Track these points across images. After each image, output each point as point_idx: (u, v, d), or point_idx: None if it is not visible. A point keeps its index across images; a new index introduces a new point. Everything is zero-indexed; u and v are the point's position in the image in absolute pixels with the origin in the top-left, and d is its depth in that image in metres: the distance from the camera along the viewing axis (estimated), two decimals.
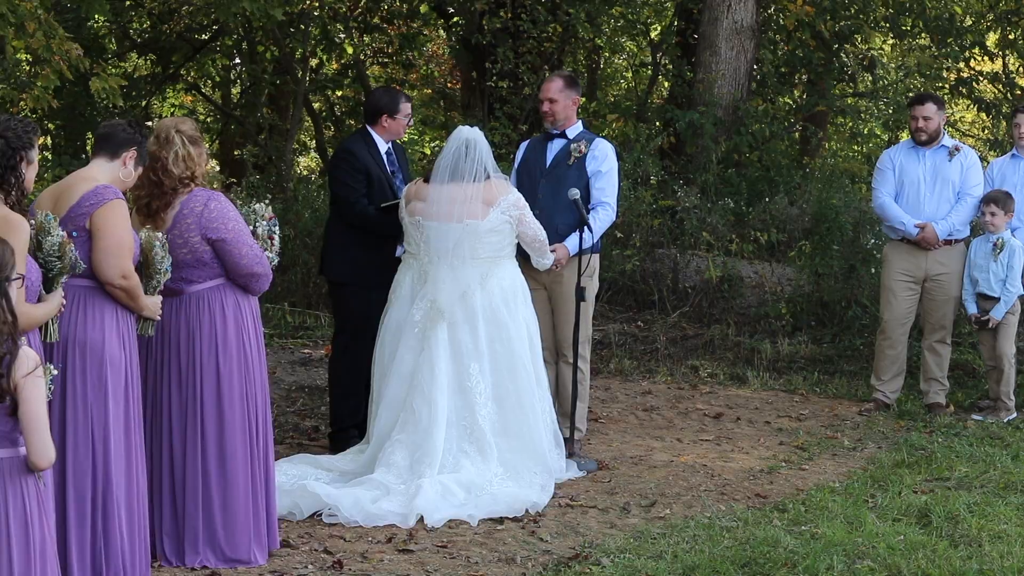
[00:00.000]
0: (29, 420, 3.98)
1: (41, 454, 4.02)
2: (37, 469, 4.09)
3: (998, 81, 15.20)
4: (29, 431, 3.99)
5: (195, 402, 5.62)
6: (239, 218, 5.69)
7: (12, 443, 4.04)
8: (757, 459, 7.74)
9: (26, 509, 4.09)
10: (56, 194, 5.20)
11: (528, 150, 7.86)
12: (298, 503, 6.38)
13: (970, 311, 8.78)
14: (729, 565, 5.65)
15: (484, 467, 6.71)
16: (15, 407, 3.99)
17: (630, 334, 11.17)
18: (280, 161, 14.34)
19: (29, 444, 4.00)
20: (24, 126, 4.82)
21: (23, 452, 4.05)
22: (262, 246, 5.76)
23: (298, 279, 11.70)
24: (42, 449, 4.01)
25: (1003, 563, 5.72)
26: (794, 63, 14.41)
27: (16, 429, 4.02)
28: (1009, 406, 8.65)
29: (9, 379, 3.97)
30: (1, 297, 4.01)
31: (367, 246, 7.44)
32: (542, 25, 13.97)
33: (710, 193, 12.19)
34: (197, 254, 5.61)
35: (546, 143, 7.77)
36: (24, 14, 8.54)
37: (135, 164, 5.32)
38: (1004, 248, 8.54)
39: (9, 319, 4.00)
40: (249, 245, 5.65)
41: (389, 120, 7.57)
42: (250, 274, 5.67)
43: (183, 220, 5.59)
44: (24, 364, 4.00)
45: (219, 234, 5.59)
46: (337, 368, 7.63)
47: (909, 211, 8.77)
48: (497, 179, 6.97)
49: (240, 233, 5.63)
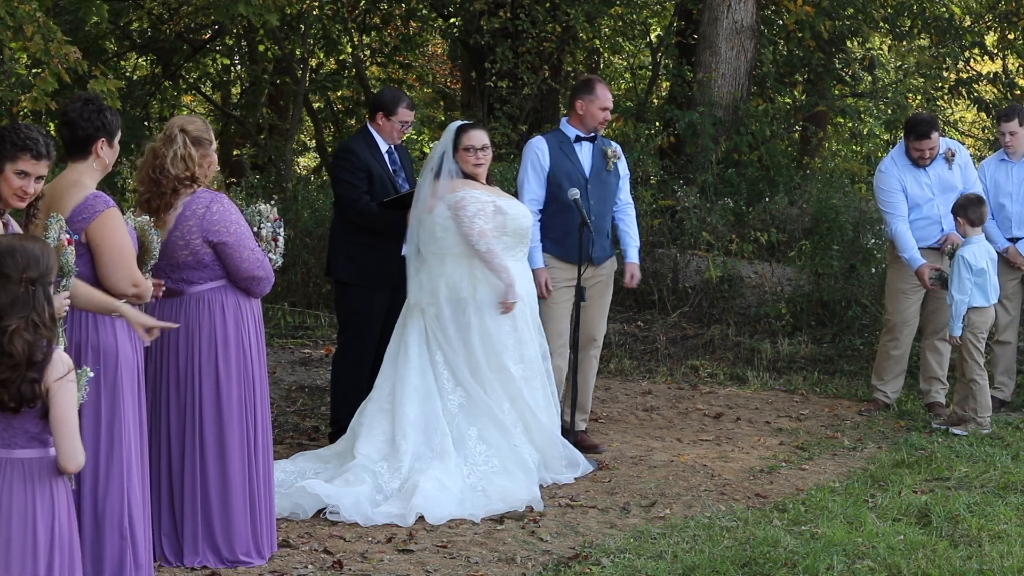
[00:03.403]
0: (59, 424, 4.00)
1: (70, 457, 4.04)
2: (66, 472, 4.12)
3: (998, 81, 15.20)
4: (59, 435, 4.01)
5: (194, 403, 5.61)
6: (241, 221, 5.66)
7: (42, 444, 4.06)
8: (757, 459, 7.74)
9: (55, 509, 4.10)
10: (46, 205, 5.03)
11: (555, 154, 7.69)
12: (300, 503, 6.40)
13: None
14: (729, 565, 5.65)
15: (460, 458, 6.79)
16: (46, 411, 4.01)
17: (630, 334, 11.16)
18: (280, 161, 14.34)
19: (59, 448, 4.02)
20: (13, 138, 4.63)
21: (52, 453, 4.07)
22: (265, 248, 5.74)
23: (298, 279, 11.70)
24: (71, 453, 4.03)
25: (1003, 563, 5.71)
26: (794, 63, 14.41)
27: (46, 431, 4.04)
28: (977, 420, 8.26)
29: (41, 383, 3.99)
30: (43, 300, 4.02)
31: (371, 246, 7.46)
32: (541, 25, 13.97)
33: (710, 193, 12.19)
34: (198, 256, 5.59)
35: (574, 146, 7.76)
36: (22, 17, 8.52)
37: (108, 145, 5.15)
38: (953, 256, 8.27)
39: (48, 322, 4.01)
40: (251, 248, 5.63)
41: (384, 119, 7.59)
42: (251, 277, 5.65)
43: (185, 222, 5.57)
44: (57, 368, 4.02)
45: (220, 237, 5.57)
46: (339, 367, 7.65)
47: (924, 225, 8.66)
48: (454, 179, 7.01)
49: (242, 236, 5.61)
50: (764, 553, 5.77)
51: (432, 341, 6.97)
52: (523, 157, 7.79)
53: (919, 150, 8.67)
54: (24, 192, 4.70)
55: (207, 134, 5.73)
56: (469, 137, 7.09)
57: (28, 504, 4.05)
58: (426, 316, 6.99)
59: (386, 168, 7.58)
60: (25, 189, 4.69)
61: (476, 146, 7.07)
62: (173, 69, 15.95)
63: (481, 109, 14.42)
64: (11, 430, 4.02)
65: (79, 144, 5.12)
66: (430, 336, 6.98)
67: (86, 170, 5.15)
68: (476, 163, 7.07)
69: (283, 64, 15.27)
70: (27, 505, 4.05)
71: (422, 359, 6.97)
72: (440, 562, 5.80)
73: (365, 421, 6.92)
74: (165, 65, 15.84)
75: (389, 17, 15.77)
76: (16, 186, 4.67)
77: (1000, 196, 8.97)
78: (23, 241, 4.11)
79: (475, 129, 7.18)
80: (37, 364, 3.98)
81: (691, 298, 11.56)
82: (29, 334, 3.97)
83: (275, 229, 5.80)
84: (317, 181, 14.90)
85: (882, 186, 8.84)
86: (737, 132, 13.04)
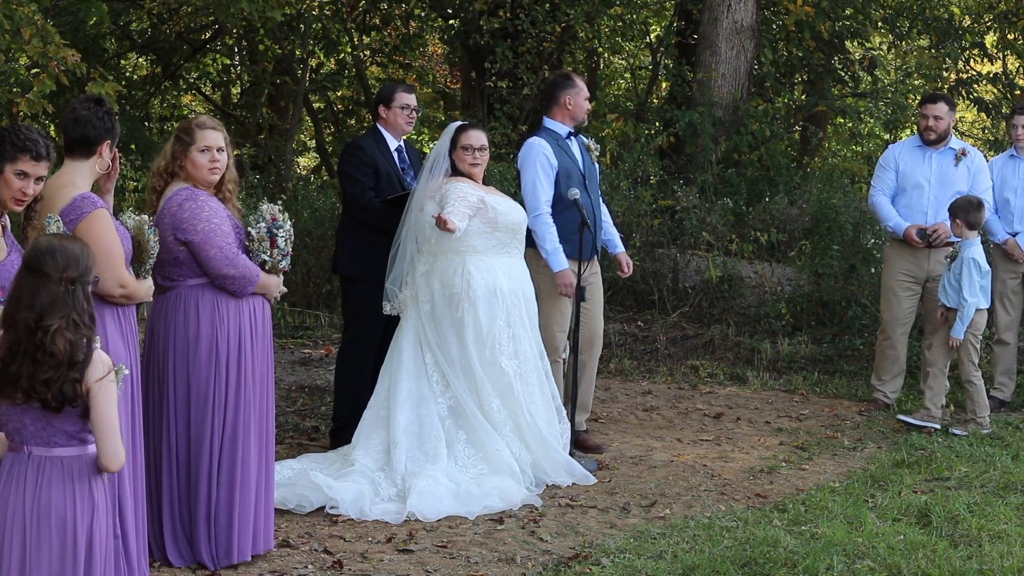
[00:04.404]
0: (101, 424, 4.02)
1: (112, 457, 4.06)
2: (107, 471, 4.14)
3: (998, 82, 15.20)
4: (101, 435, 4.03)
5: (164, 400, 5.58)
6: (213, 219, 5.59)
7: (81, 443, 4.08)
8: (757, 459, 7.74)
9: (95, 507, 4.13)
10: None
11: (557, 153, 7.66)
12: (307, 495, 6.46)
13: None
14: (729, 565, 5.65)
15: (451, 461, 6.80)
16: (85, 410, 4.03)
17: (630, 334, 11.17)
18: (280, 161, 14.34)
19: (101, 447, 4.05)
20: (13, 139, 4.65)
21: (91, 452, 4.09)
22: (257, 248, 5.71)
23: (298, 279, 11.69)
24: (113, 452, 4.06)
25: (1003, 563, 5.72)
26: (793, 63, 14.41)
27: (85, 429, 4.07)
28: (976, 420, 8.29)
29: (83, 383, 4.01)
30: (83, 300, 4.04)
31: (377, 243, 7.47)
32: (541, 25, 13.97)
33: (709, 193, 12.19)
34: (173, 253, 5.59)
35: (567, 143, 7.77)
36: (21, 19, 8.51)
37: (110, 149, 5.16)
38: (957, 257, 8.21)
39: (88, 321, 4.03)
40: (219, 247, 5.56)
41: (386, 111, 7.58)
42: (221, 275, 5.60)
43: (162, 219, 5.60)
44: (97, 368, 4.04)
45: (187, 235, 5.56)
46: (342, 364, 7.68)
47: (910, 212, 8.76)
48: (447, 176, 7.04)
49: (209, 235, 5.55)
50: (764, 553, 5.77)
51: (423, 343, 7.00)
52: (525, 159, 7.67)
53: (924, 117, 8.82)
54: (23, 194, 4.70)
55: (188, 134, 5.72)
56: (468, 136, 7.12)
57: (67, 502, 4.07)
58: (421, 314, 7.01)
59: (394, 165, 7.57)
60: (24, 191, 4.69)
61: (474, 145, 7.08)
62: (173, 69, 15.95)
63: (481, 109, 14.43)
64: (51, 429, 4.04)
65: (85, 143, 5.10)
66: (422, 338, 7.00)
67: (84, 170, 5.12)
68: (472, 162, 7.08)
69: (283, 64, 15.27)
70: (66, 503, 4.06)
71: (416, 362, 6.99)
72: (440, 562, 5.80)
73: (363, 431, 6.95)
74: (165, 65, 15.85)
75: (389, 17, 15.78)
76: (16, 187, 4.68)
77: (1006, 191, 8.99)
78: (63, 241, 4.12)
79: (474, 129, 7.19)
80: (79, 364, 4.00)
81: (691, 298, 11.56)
82: (71, 333, 3.99)
83: (271, 230, 5.76)
84: (317, 181, 14.90)
85: (879, 161, 9.06)
86: (737, 132, 13.04)
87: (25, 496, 4.04)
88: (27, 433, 4.05)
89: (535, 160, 7.59)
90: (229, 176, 5.79)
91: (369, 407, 7.04)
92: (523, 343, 7.08)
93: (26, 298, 3.98)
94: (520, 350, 7.06)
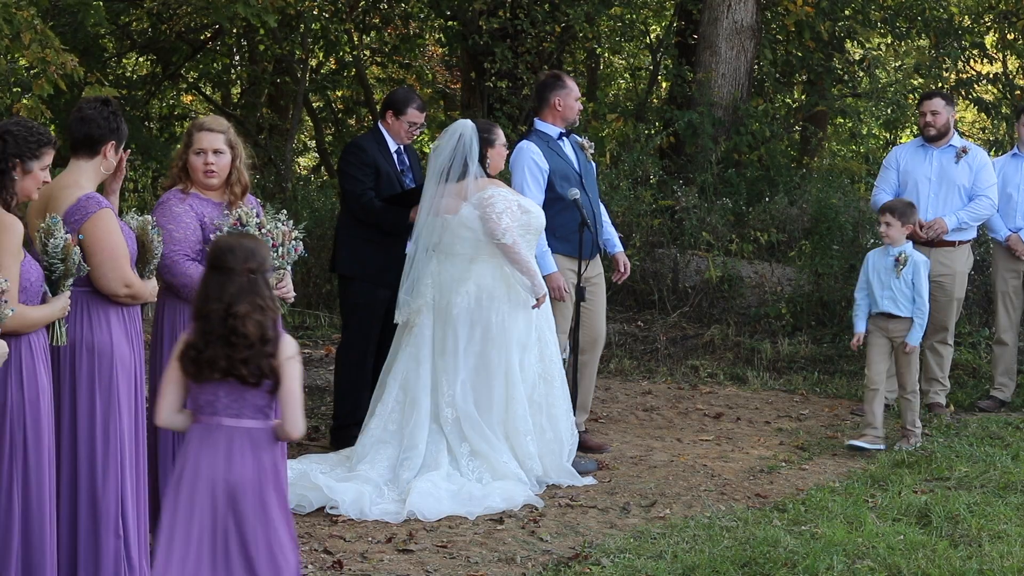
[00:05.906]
0: (289, 397, 4.37)
1: (296, 426, 4.39)
2: (290, 439, 4.50)
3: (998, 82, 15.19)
4: (288, 406, 4.37)
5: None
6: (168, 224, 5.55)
7: (264, 416, 4.40)
8: (757, 459, 7.74)
9: (278, 472, 4.45)
10: (42, 204, 5.05)
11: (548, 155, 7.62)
12: (307, 495, 6.47)
13: (857, 330, 7.94)
14: (729, 565, 5.65)
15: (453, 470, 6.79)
16: (275, 386, 4.36)
17: (630, 334, 11.16)
18: (280, 161, 14.34)
19: (287, 418, 4.38)
20: (30, 134, 4.77)
21: (270, 424, 4.41)
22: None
23: (297, 279, 11.66)
24: (297, 422, 4.39)
25: (1003, 563, 5.72)
26: (793, 63, 14.41)
27: (269, 404, 4.40)
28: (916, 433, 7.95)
29: (276, 360, 4.34)
30: (263, 285, 4.37)
31: (375, 242, 7.47)
32: (541, 25, 13.96)
33: (709, 193, 12.19)
34: None
35: (559, 144, 7.75)
36: (20, 24, 8.50)
37: (115, 150, 5.18)
38: (907, 263, 7.79)
39: (271, 303, 4.37)
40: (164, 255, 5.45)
41: (393, 118, 7.62)
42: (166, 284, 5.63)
43: None
44: (288, 347, 4.40)
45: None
46: (342, 363, 7.67)
47: None
48: (479, 179, 6.99)
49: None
50: (764, 553, 5.77)
51: (440, 350, 6.93)
52: (514, 163, 7.60)
53: (923, 113, 8.87)
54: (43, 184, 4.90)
55: (188, 136, 5.73)
56: (499, 135, 7.19)
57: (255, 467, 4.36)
58: (447, 319, 6.92)
59: (394, 167, 7.60)
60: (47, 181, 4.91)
61: (505, 143, 7.22)
62: (173, 69, 15.94)
63: (481, 109, 14.41)
64: (241, 402, 4.36)
65: (90, 142, 5.12)
66: (438, 346, 6.94)
67: (88, 170, 5.14)
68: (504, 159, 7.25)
69: (283, 64, 15.26)
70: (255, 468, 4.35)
71: (434, 377, 6.94)
72: (440, 562, 5.80)
73: (370, 445, 6.89)
74: (165, 65, 15.84)
75: (389, 17, 15.77)
76: (41, 180, 4.86)
77: (1008, 187, 9.00)
78: (239, 239, 4.51)
79: (498, 127, 7.27)
80: (271, 341, 4.35)
81: (691, 298, 11.56)
82: (259, 315, 4.33)
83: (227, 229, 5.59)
84: (317, 181, 14.90)
85: (883, 162, 9.12)
86: (737, 132, 13.03)
87: (218, 460, 4.32)
88: (219, 405, 4.35)
89: (523, 164, 7.56)
90: (235, 178, 5.74)
91: (375, 415, 6.98)
92: (549, 346, 7.11)
93: (214, 292, 4.33)
94: (545, 353, 7.08)
